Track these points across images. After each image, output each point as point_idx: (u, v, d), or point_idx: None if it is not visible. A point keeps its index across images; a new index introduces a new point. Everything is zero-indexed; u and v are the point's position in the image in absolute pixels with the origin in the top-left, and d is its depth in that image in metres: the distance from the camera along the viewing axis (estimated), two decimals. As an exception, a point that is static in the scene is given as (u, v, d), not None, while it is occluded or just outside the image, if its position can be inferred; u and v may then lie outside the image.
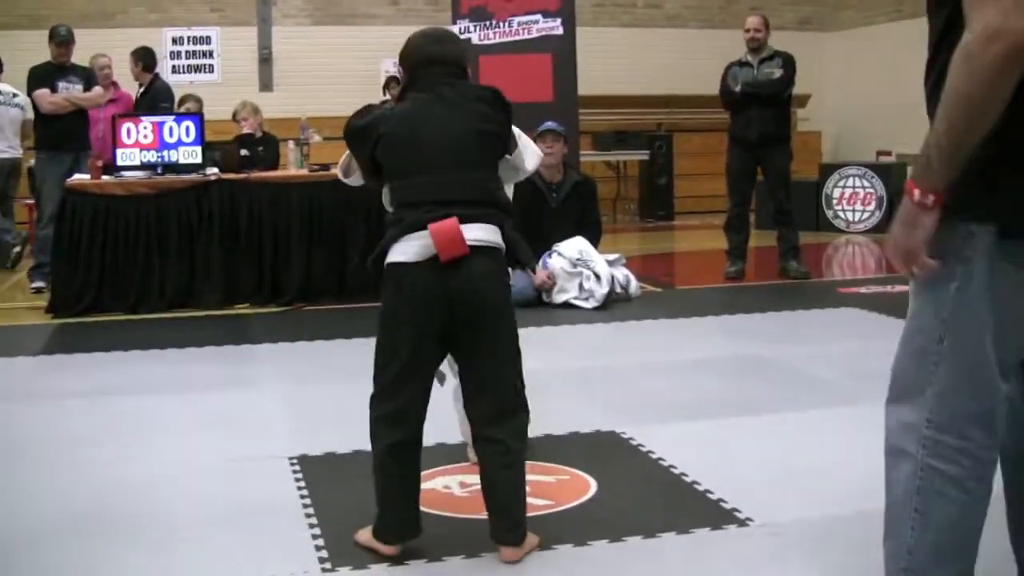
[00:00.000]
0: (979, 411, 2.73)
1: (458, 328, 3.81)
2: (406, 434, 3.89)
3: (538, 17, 10.91)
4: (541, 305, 9.09)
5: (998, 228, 2.60)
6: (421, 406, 3.91)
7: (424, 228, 3.72)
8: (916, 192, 2.59)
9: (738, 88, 10.47)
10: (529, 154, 4.25)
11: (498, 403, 3.91)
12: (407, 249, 3.76)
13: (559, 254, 9.15)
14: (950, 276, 2.67)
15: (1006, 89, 2.43)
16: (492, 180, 3.97)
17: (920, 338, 2.78)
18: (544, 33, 10.94)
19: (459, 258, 3.73)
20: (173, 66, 16.37)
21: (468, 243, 3.75)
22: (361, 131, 3.94)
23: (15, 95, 11.85)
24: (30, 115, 11.21)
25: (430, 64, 3.96)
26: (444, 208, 3.76)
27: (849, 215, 14.88)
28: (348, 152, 4.16)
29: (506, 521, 3.89)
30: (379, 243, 3.88)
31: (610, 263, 9.28)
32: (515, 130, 4.16)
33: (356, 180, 4.24)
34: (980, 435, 2.74)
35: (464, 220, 3.76)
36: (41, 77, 10.65)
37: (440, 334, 3.83)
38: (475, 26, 10.94)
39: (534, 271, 4.09)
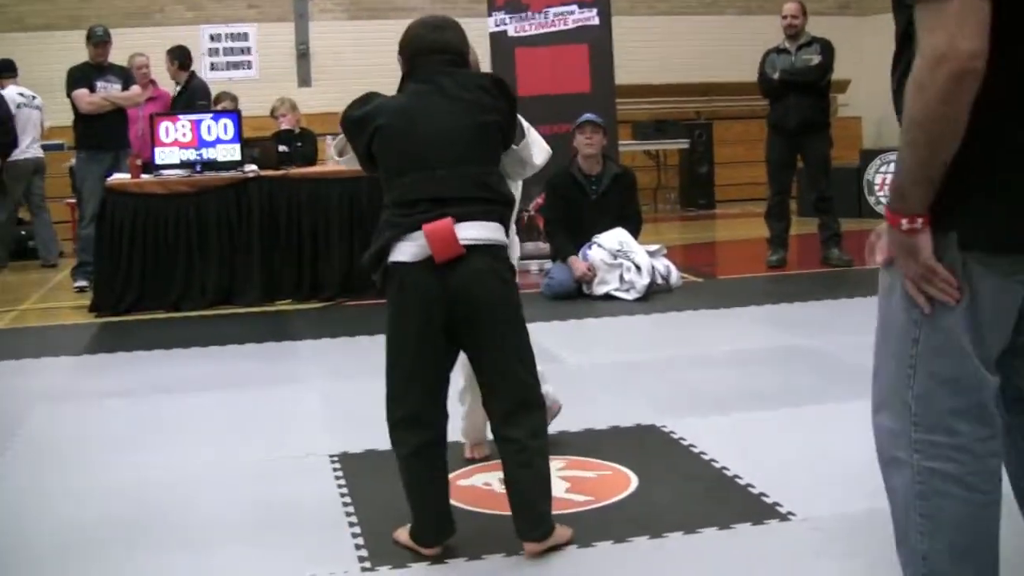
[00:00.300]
0: (966, 405, 2.68)
1: (461, 327, 3.80)
2: (426, 436, 3.87)
3: (574, 8, 10.85)
4: (582, 297, 9.08)
5: (959, 240, 2.60)
6: (433, 406, 3.88)
7: (420, 228, 3.72)
8: (904, 221, 2.58)
9: (776, 75, 10.40)
10: (537, 149, 4.19)
11: (509, 399, 3.86)
12: (406, 249, 3.75)
13: (599, 245, 9.13)
14: None
15: (960, 109, 2.45)
16: (493, 174, 3.91)
17: (894, 343, 2.75)
18: (580, 24, 10.88)
19: (456, 258, 3.72)
20: (211, 63, 16.41)
21: (464, 243, 3.73)
22: (358, 121, 3.89)
23: (34, 97, 11.98)
24: (57, 118, 11.29)
25: (430, 53, 3.90)
26: (441, 206, 3.73)
27: (891, 201, 14.75)
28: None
29: (527, 519, 3.87)
30: (375, 241, 3.89)
31: (651, 254, 9.24)
32: (523, 122, 4.11)
33: (351, 163, 4.21)
34: (971, 428, 2.69)
35: (461, 219, 3.73)
36: (80, 77, 10.72)
37: (444, 333, 3.80)
38: (511, 18, 10.90)
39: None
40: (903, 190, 2.59)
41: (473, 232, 3.76)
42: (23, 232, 14.25)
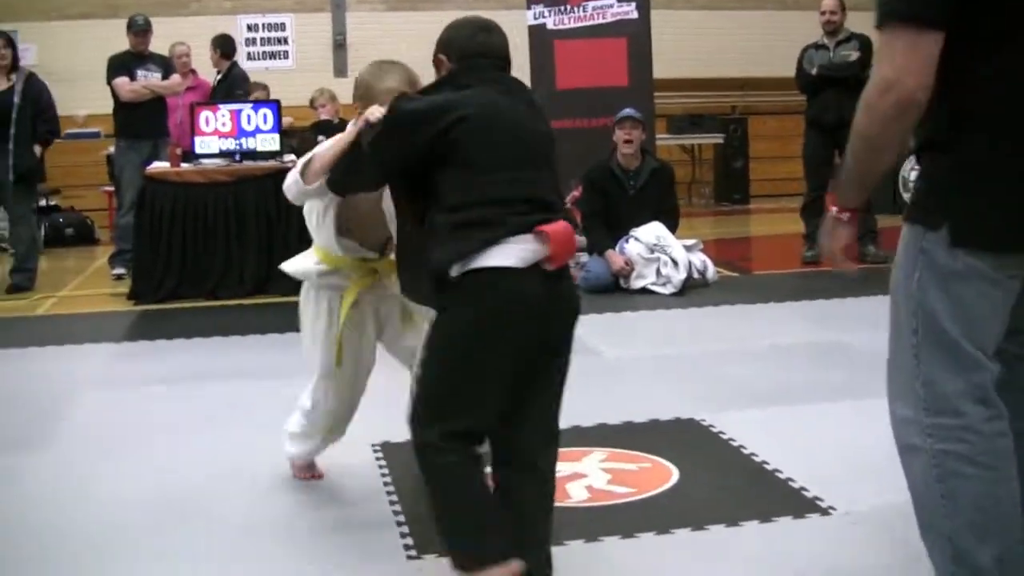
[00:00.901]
0: (967, 386, 2.84)
1: (548, 344, 3.44)
2: (476, 451, 3.42)
3: (612, 1, 10.87)
4: (619, 291, 9.10)
5: (949, 238, 2.79)
6: (493, 425, 3.43)
7: (528, 231, 3.31)
8: (834, 208, 3.02)
9: (814, 71, 10.40)
10: None
11: (549, 432, 3.57)
12: (510, 252, 3.29)
13: (636, 239, 9.14)
14: (913, 268, 2.87)
15: (901, 132, 2.76)
16: (557, 184, 3.61)
17: (900, 337, 2.95)
18: (619, 17, 10.90)
19: (560, 269, 3.38)
20: (248, 53, 16.44)
21: None
22: (426, 112, 3.42)
23: None
24: (93, 106, 11.32)
25: (480, 56, 3.59)
26: (535, 210, 3.37)
27: (926, 198, 14.70)
28: (312, 154, 3.89)
29: (541, 558, 3.52)
30: (451, 243, 3.34)
31: (687, 248, 9.25)
32: None
33: (309, 191, 3.91)
34: (975, 409, 2.84)
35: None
36: (120, 66, 10.80)
37: (527, 359, 3.39)
38: (550, 11, 10.93)
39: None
40: (843, 186, 3.02)
41: None
42: (60, 219, 14.37)
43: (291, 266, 4.56)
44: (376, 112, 3.62)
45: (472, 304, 3.33)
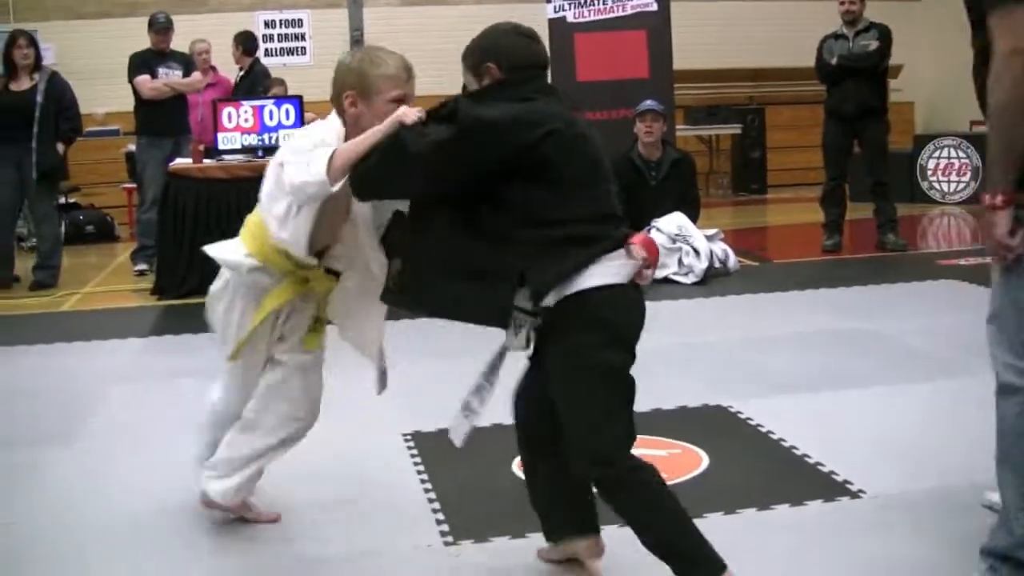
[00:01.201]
0: None
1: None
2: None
3: (632, -7, 10.93)
4: (640, 280, 9.11)
5: None
6: None
7: (621, 245, 3.33)
8: (986, 197, 3.14)
9: (834, 61, 10.42)
10: None
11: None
12: (613, 269, 3.31)
13: (658, 230, 9.17)
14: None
15: None
16: None
17: (1014, 301, 3.20)
18: (639, 10, 10.93)
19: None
20: (266, 49, 16.46)
21: None
22: (510, 124, 3.32)
23: None
24: (113, 103, 11.36)
25: (535, 66, 3.54)
26: (621, 223, 3.41)
27: (944, 186, 14.73)
28: (332, 151, 3.52)
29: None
30: (553, 264, 3.29)
31: (708, 238, 9.29)
32: None
33: (330, 192, 3.55)
34: None
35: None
36: (141, 63, 10.83)
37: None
38: (569, 4, 10.94)
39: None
40: (990, 169, 3.17)
41: None
42: (80, 216, 14.44)
43: (218, 252, 4.10)
44: (412, 114, 3.44)
45: (589, 330, 3.31)
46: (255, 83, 11.87)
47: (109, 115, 15.50)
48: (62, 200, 13.75)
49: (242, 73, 12.17)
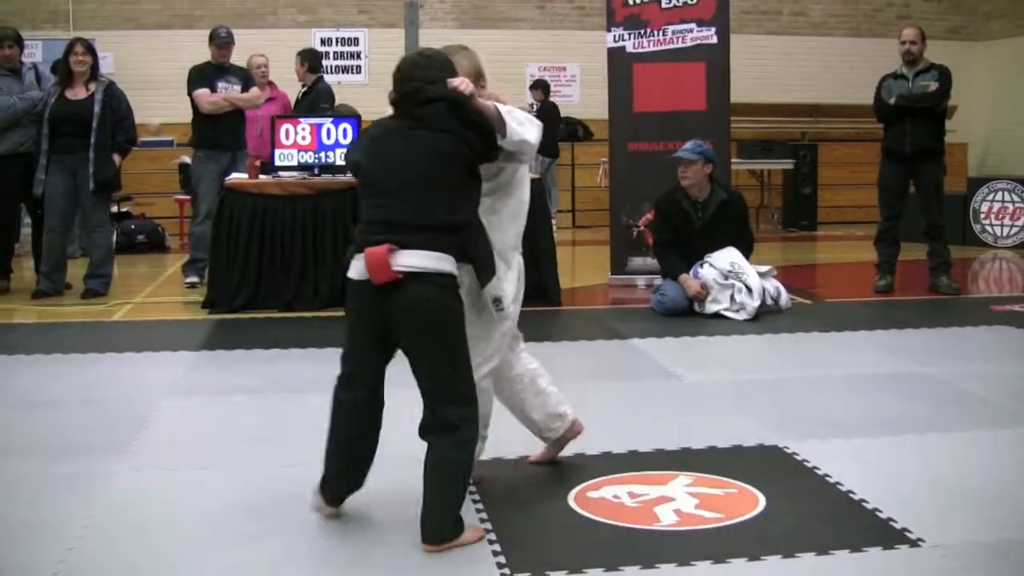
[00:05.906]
0: None
1: (399, 339, 4.17)
2: (362, 392, 4.37)
3: (692, 26, 10.86)
4: (692, 315, 9.10)
5: None
6: (365, 371, 4.34)
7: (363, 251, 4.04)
8: None
9: (892, 101, 10.37)
10: (527, 128, 4.33)
11: (430, 412, 4.23)
12: (355, 267, 4.12)
13: (711, 265, 9.14)
14: None
15: None
16: (445, 204, 4.08)
17: None
18: (699, 42, 10.89)
19: (392, 283, 3.99)
20: (321, 66, 16.60)
21: (401, 269, 3.97)
22: (347, 154, 4.58)
23: None
24: (167, 114, 11.43)
25: (410, 91, 4.28)
26: (389, 231, 4.02)
27: (997, 230, 14.67)
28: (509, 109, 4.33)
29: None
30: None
31: (761, 275, 9.24)
32: (506, 112, 4.28)
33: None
34: None
35: (404, 246, 3.98)
36: (201, 77, 10.90)
37: (379, 338, 4.20)
38: (629, 34, 10.93)
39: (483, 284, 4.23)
40: None
41: (412, 260, 3.99)
42: (132, 226, 14.52)
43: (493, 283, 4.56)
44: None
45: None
46: (318, 100, 11.91)
47: (164, 126, 15.63)
48: (114, 209, 13.84)
49: (304, 89, 12.22)
